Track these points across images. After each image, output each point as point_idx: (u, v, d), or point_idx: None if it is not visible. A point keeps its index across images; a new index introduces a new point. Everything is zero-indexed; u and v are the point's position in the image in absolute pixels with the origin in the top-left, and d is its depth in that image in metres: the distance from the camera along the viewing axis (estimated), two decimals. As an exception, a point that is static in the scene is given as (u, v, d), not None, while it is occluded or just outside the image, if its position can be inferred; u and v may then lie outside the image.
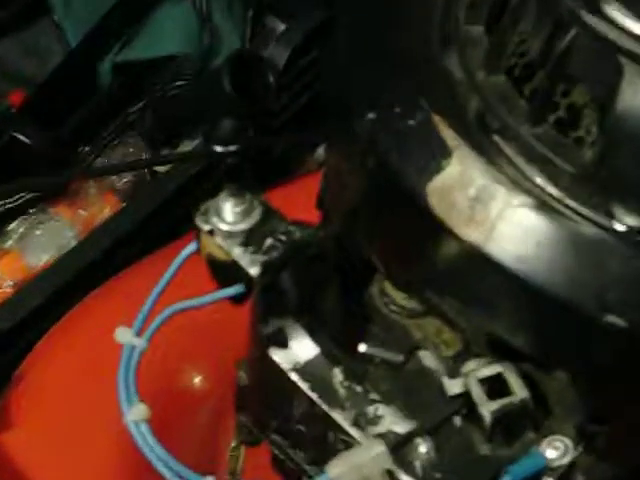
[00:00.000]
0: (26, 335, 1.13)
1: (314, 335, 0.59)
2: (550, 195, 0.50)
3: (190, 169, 1.23)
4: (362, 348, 0.59)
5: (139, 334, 0.59)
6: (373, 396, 0.57)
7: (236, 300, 0.59)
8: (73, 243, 1.22)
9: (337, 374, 0.58)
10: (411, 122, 0.52)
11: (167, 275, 0.60)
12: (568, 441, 0.54)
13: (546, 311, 0.50)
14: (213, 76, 1.29)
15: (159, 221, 1.23)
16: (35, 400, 0.89)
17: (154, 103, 1.34)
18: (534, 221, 0.50)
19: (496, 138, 0.51)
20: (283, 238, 0.58)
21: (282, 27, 1.39)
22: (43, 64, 1.36)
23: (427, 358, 0.58)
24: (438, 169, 0.51)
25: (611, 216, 0.49)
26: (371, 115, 0.53)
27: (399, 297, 0.58)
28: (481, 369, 0.54)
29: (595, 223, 0.49)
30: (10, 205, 1.24)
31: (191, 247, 0.61)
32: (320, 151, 0.63)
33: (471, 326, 0.54)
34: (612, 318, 0.48)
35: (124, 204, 1.25)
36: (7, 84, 1.36)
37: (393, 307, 0.59)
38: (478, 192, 0.50)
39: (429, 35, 0.55)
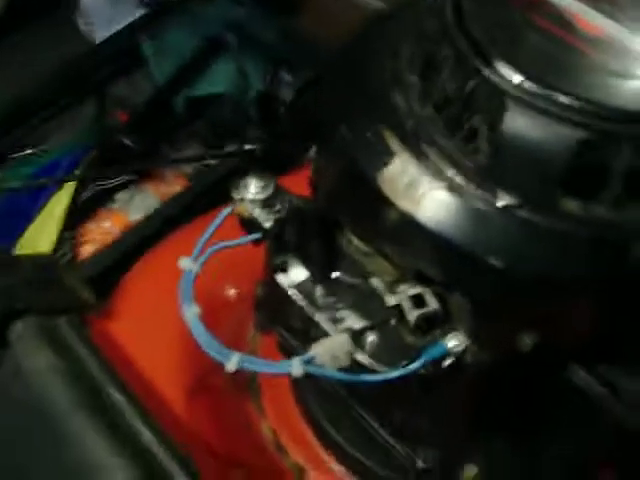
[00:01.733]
0: (128, 261, 1.12)
1: (305, 265, 0.57)
2: (457, 182, 0.48)
3: (229, 163, 1.22)
4: (334, 275, 0.58)
5: (195, 261, 0.58)
6: (340, 305, 0.56)
7: (256, 242, 0.58)
8: (156, 206, 1.20)
9: (318, 290, 0.57)
10: (369, 135, 0.51)
11: (212, 226, 0.58)
12: (462, 336, 0.53)
13: (452, 255, 0.49)
14: (246, 107, 1.29)
15: (210, 195, 1.21)
16: (135, 302, 0.86)
17: (209, 122, 1.32)
18: (446, 198, 0.48)
19: (424, 146, 0.49)
20: (287, 205, 0.57)
21: (289, 77, 1.40)
22: (140, 96, 1.34)
23: (375, 282, 0.57)
24: (386, 164, 0.49)
25: (495, 197, 0.47)
26: (345, 131, 0.52)
27: (358, 243, 0.57)
28: (409, 290, 0.53)
29: (486, 201, 0.47)
30: (118, 182, 1.22)
31: (228, 209, 0.60)
32: (311, 153, 0.61)
33: (404, 263, 0.53)
34: (493, 260, 0.47)
35: (187, 186, 1.23)
36: (118, 108, 1.34)
37: (355, 249, 0.58)
38: (411, 180, 0.49)
39: (384, 81, 0.53)
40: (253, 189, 0.57)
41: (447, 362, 0.52)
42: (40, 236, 1.12)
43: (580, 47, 0.48)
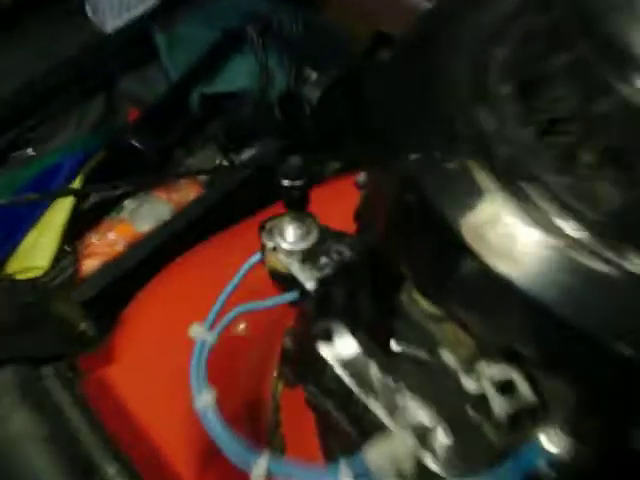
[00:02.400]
0: (134, 281, 0.99)
1: (355, 334, 0.43)
2: (573, 236, 0.34)
3: (244, 174, 1.09)
4: (393, 346, 0.44)
5: (210, 328, 0.44)
6: (401, 388, 0.41)
7: (293, 304, 0.43)
8: (168, 216, 1.07)
9: (372, 367, 0.43)
10: (449, 165, 0.37)
11: (235, 280, 0.44)
12: (559, 431, 0.39)
13: (561, 333, 0.35)
14: (268, 107, 1.16)
15: (225, 205, 1.09)
16: (135, 340, 0.72)
17: (226, 123, 1.19)
18: (556, 257, 0.34)
19: (524, 184, 0.35)
20: (335, 257, 0.41)
21: (314, 75, 1.28)
22: (152, 92, 1.22)
23: (446, 356, 0.42)
24: (473, 207, 0.36)
25: (629, 259, 0.33)
26: (414, 156, 0.38)
27: (425, 304, 0.43)
28: (493, 371, 0.39)
29: (614, 264, 0.33)
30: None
31: (256, 257, 0.44)
32: (362, 177, 0.46)
33: (489, 336, 0.39)
34: (621, 346, 0.33)
35: (203, 191, 1.10)
36: (127, 105, 1.22)
37: (419, 312, 0.43)
38: (508, 230, 0.35)
39: (463, 92, 0.39)
40: (291, 236, 0.41)
41: (542, 465, 0.38)
42: (37, 248, 0.98)
43: None
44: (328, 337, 0.43)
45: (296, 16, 1.30)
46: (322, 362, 0.42)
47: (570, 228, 0.34)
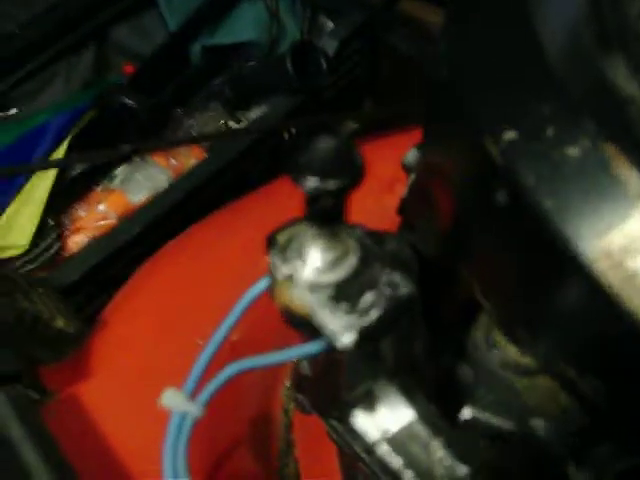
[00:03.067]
0: (124, 259, 0.86)
1: (410, 397, 0.30)
2: None
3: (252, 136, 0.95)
4: (466, 413, 0.30)
5: (192, 396, 0.30)
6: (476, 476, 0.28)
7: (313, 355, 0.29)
8: (166, 185, 0.93)
9: (437, 449, 0.28)
10: (571, 151, 0.23)
11: (223, 328, 0.29)
12: None
13: None
14: (279, 59, 1.00)
15: (231, 171, 0.95)
16: (113, 351, 0.58)
17: (232, 78, 1.05)
18: None
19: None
20: (387, 293, 0.26)
21: (331, 24, 1.15)
22: (149, 43, 1.08)
23: (543, 429, 0.28)
24: (613, 224, 0.22)
25: None
26: (510, 135, 0.24)
27: (512, 351, 0.29)
28: (614, 461, 0.26)
29: None
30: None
31: (260, 285, 0.28)
32: (410, 156, 0.32)
33: (617, 410, 0.25)
34: None
35: (205, 155, 0.95)
36: (121, 58, 1.08)
37: (503, 362, 0.30)
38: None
39: (581, 34, 0.25)
40: (317, 260, 0.26)
41: None
42: (17, 223, 0.85)
43: None
44: (370, 403, 0.29)
45: (309, -43, 1.14)
46: (359, 435, 0.29)
47: None
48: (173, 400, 0.29)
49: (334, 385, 0.30)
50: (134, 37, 1.08)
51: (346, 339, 0.25)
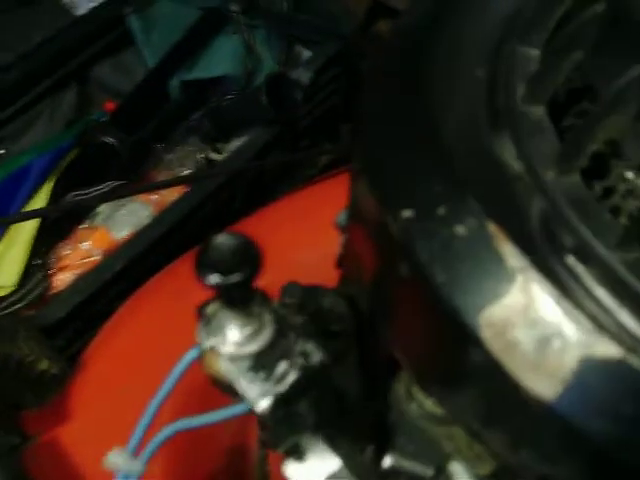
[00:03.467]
0: (110, 294, 0.89)
1: (335, 446, 0.32)
2: (637, 338, 0.23)
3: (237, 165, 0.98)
4: (388, 461, 0.32)
5: (135, 453, 0.32)
6: None
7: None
8: (148, 220, 0.95)
9: None
10: (459, 229, 0.25)
11: (162, 391, 0.32)
12: None
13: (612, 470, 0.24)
14: (255, 92, 1.03)
15: (211, 204, 0.97)
16: (93, 393, 0.60)
17: (211, 111, 1.07)
18: (620, 374, 0.23)
19: (570, 260, 0.24)
20: (300, 362, 0.29)
21: (307, 54, 1.16)
22: (129, 80, 1.10)
23: (459, 475, 0.31)
24: (495, 296, 0.24)
25: None
26: (407, 213, 0.26)
27: (428, 404, 0.31)
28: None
29: None
30: (100, 190, 0.97)
31: (191, 354, 0.31)
32: (342, 216, 0.35)
33: (518, 464, 0.28)
34: None
35: (186, 190, 0.98)
36: (103, 96, 1.10)
37: (420, 412, 0.32)
38: (547, 332, 0.23)
39: (474, 114, 0.28)
40: (235, 335, 0.28)
41: None
42: (3, 264, 0.88)
43: None
44: (300, 453, 0.32)
45: (285, -11, 1.17)
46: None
47: (636, 327, 0.23)
48: (116, 462, 0.31)
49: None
50: (115, 74, 1.10)
51: (263, 404, 0.28)
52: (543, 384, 0.23)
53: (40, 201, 0.95)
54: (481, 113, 0.27)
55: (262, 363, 0.28)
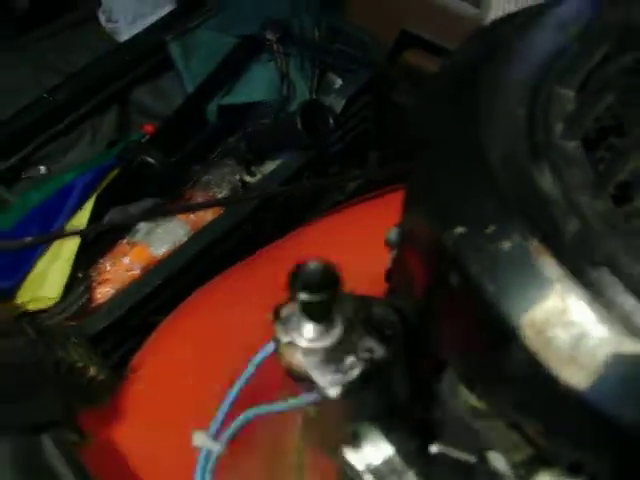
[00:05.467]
0: (149, 308, 0.94)
1: (389, 435, 0.36)
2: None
3: (269, 189, 1.03)
4: (434, 448, 0.37)
5: (216, 437, 0.37)
6: None
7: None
8: (185, 239, 1.00)
9: (411, 477, 0.36)
10: (506, 245, 0.30)
11: (243, 378, 0.37)
12: None
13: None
14: (289, 117, 1.08)
15: (246, 225, 1.02)
16: (146, 395, 0.65)
17: (247, 135, 1.13)
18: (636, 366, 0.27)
19: (602, 271, 0.28)
20: (365, 356, 0.34)
21: (339, 82, 1.22)
22: (168, 105, 1.16)
23: (498, 461, 0.35)
24: (536, 301, 0.29)
25: None
26: (460, 229, 0.31)
27: (472, 399, 0.36)
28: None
29: None
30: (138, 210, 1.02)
31: (269, 348, 0.37)
32: (393, 233, 0.39)
33: (549, 447, 0.32)
34: None
35: (222, 211, 1.03)
36: (142, 119, 1.16)
37: (463, 407, 0.36)
38: (581, 331, 0.28)
39: (517, 147, 0.32)
40: (309, 331, 0.33)
41: None
42: (47, 276, 0.93)
43: None
44: (357, 441, 0.36)
45: (317, 20, 1.23)
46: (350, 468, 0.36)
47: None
48: (201, 441, 0.36)
49: (331, 426, 0.37)
50: (154, 98, 1.17)
51: (332, 392, 0.33)
52: (577, 376, 0.27)
53: (83, 217, 1.00)
54: (523, 146, 0.32)
55: (332, 357, 0.33)
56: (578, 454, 0.30)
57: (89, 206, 1.01)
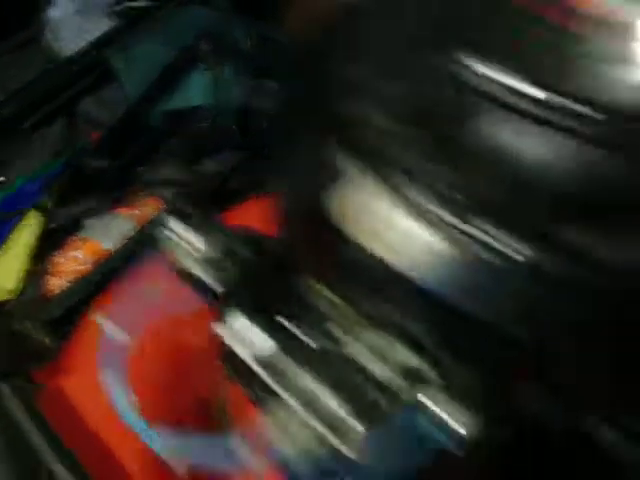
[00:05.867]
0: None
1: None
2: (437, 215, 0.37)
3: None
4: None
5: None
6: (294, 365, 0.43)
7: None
8: (132, 232, 1.10)
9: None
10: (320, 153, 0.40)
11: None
12: (465, 412, 0.41)
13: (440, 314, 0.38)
14: (225, 120, 1.19)
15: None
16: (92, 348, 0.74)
17: (186, 137, 1.22)
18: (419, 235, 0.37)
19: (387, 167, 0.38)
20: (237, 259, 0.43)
21: (274, 85, 1.31)
22: (113, 114, 1.24)
23: (347, 340, 0.43)
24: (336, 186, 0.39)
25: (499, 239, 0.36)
26: (295, 151, 0.41)
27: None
28: (400, 356, 0.41)
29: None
30: (89, 208, 1.12)
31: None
32: None
33: (384, 321, 0.41)
34: (511, 328, 0.36)
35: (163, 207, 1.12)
36: (89, 128, 1.25)
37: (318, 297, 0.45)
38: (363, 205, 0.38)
39: (341, 87, 0.42)
40: (197, 241, 0.43)
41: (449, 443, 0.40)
42: (3, 270, 1.01)
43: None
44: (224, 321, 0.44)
45: (250, 31, 1.33)
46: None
47: (447, 213, 0.37)
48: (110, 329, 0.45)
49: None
50: (99, 108, 1.25)
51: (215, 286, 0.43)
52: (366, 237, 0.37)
53: (36, 219, 1.09)
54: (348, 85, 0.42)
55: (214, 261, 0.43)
56: (409, 325, 0.39)
57: (38, 210, 1.09)
